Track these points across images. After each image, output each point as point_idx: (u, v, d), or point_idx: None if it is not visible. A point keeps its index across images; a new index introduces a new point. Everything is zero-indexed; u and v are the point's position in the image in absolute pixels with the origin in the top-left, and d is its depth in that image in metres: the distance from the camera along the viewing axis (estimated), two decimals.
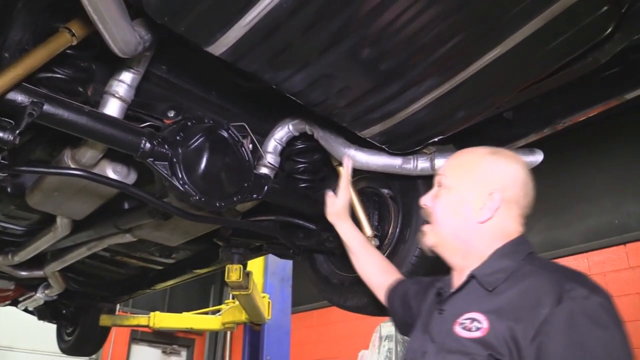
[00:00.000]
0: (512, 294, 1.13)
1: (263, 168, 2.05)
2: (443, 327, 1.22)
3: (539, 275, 1.14)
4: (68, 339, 4.28)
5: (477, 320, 1.13)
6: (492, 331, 1.08)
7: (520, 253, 1.24)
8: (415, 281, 1.64)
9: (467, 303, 1.21)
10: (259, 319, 3.94)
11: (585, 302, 1.03)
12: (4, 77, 1.29)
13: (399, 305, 1.62)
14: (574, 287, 1.06)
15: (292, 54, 1.35)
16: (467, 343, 1.11)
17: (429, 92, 1.51)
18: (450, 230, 1.31)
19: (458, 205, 1.31)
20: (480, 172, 1.33)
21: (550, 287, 1.09)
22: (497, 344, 1.06)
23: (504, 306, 1.12)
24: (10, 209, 2.40)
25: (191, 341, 9.48)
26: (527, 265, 1.19)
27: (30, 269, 3.07)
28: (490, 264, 1.23)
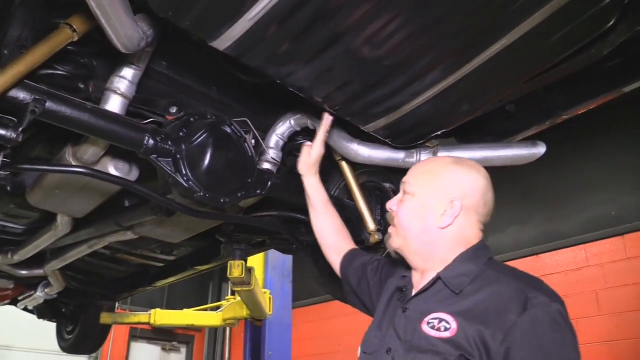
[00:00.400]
0: (479, 298, 1.21)
1: (266, 163, 2.04)
2: (409, 326, 1.26)
3: (502, 281, 1.23)
4: (68, 337, 4.27)
5: (445, 320, 1.19)
6: (461, 332, 1.15)
7: (481, 258, 1.31)
8: (373, 259, 1.70)
9: (433, 304, 1.27)
10: (260, 314, 3.94)
11: (547, 309, 1.14)
12: (6, 75, 1.28)
13: (353, 276, 1.69)
14: (536, 295, 1.16)
15: (297, 49, 1.34)
16: (438, 343, 1.17)
17: (433, 85, 1.50)
18: (413, 234, 1.38)
19: (421, 211, 1.38)
20: (442, 180, 1.39)
21: (515, 294, 1.17)
22: (467, 345, 1.13)
23: (471, 309, 1.19)
24: (10, 207, 2.38)
25: (191, 338, 9.48)
26: (489, 270, 1.27)
27: (30, 267, 3.05)
28: (455, 268, 1.30)
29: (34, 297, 3.60)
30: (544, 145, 1.81)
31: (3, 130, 1.34)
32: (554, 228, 5.91)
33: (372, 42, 1.33)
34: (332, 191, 2.43)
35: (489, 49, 1.40)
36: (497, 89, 1.59)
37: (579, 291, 5.55)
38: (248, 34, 1.27)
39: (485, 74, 1.47)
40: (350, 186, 2.17)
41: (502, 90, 1.60)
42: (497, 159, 1.83)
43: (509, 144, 1.83)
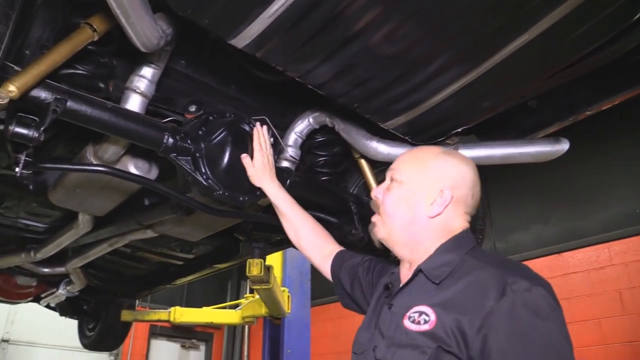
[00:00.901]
0: (458, 288, 1.16)
1: (284, 161, 2.04)
2: (393, 322, 1.23)
3: (483, 269, 1.18)
4: (90, 334, 4.33)
5: (424, 313, 1.16)
6: (439, 323, 1.11)
7: (463, 247, 1.27)
8: (364, 259, 1.64)
9: (415, 297, 1.23)
10: (279, 312, 3.95)
11: (526, 294, 1.07)
12: (27, 74, 1.29)
13: (346, 278, 1.63)
14: (515, 280, 1.10)
15: (317, 45, 1.32)
16: (416, 336, 1.13)
17: (453, 82, 1.48)
18: (399, 223, 1.33)
19: (409, 200, 1.33)
20: (433, 169, 1.36)
21: (493, 280, 1.12)
22: (445, 335, 1.09)
23: (450, 299, 1.15)
24: (33, 206, 2.42)
25: (210, 335, 9.55)
26: (470, 259, 1.23)
27: (52, 265, 3.10)
28: (436, 258, 1.27)
29: (56, 295, 3.65)
30: (567, 142, 1.77)
31: (25, 130, 1.35)
32: (576, 226, 5.82)
33: (392, 39, 1.31)
34: (351, 189, 2.42)
35: (509, 45, 1.37)
36: (519, 85, 1.56)
37: (601, 290, 5.45)
38: (266, 31, 1.26)
39: (506, 70, 1.44)
40: (369, 184, 2.16)
41: (524, 87, 1.57)
42: (519, 156, 1.80)
43: (531, 140, 1.80)
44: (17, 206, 2.40)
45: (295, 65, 1.40)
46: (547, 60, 1.47)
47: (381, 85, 1.48)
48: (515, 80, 1.53)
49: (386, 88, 1.49)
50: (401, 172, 1.38)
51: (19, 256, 2.88)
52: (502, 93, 1.57)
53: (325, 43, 1.31)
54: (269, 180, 1.74)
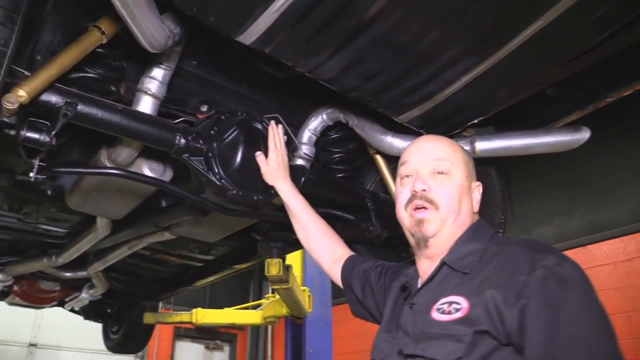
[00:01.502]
0: (487, 271, 1.14)
1: (299, 159, 2.02)
2: (418, 318, 1.18)
3: (510, 249, 1.16)
4: (114, 337, 4.38)
5: (455, 302, 1.12)
6: (472, 308, 1.07)
7: (485, 235, 1.25)
8: (376, 264, 1.58)
9: (441, 290, 1.18)
10: (299, 312, 3.93)
11: (557, 267, 1.05)
12: (37, 79, 1.29)
13: (357, 284, 1.57)
14: (544, 256, 1.08)
15: (325, 39, 1.30)
16: (449, 325, 1.09)
17: (467, 71, 1.44)
18: (453, 217, 1.25)
19: (461, 194, 1.27)
20: (467, 162, 1.33)
21: (522, 257, 1.10)
22: (481, 317, 1.05)
23: (481, 283, 1.12)
24: (52, 211, 2.44)
25: (233, 336, 9.60)
26: (493, 245, 1.20)
27: (74, 269, 3.13)
28: (459, 249, 1.23)
29: (79, 299, 3.70)
30: (588, 130, 1.71)
31: (36, 134, 1.35)
32: (601, 217, 5.68)
33: (402, 29, 1.28)
34: (367, 185, 2.39)
35: (524, 32, 1.33)
36: (535, 73, 1.51)
37: (629, 283, 5.31)
38: (273, 27, 1.24)
39: (521, 57, 1.39)
40: (385, 180, 2.12)
41: (540, 74, 1.52)
42: (538, 146, 1.75)
43: (551, 130, 1.74)
44: (36, 212, 2.43)
45: (304, 60, 1.38)
46: (563, 46, 1.42)
47: (392, 77, 1.45)
48: (530, 68, 1.48)
49: (398, 81, 1.46)
50: (446, 163, 1.28)
51: (41, 261, 2.93)
52: (518, 82, 1.52)
53: (334, 36, 1.29)
54: (283, 179, 1.71)
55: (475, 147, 1.80)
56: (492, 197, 2.06)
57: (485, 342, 1.03)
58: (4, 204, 2.36)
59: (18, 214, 2.47)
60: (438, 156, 1.29)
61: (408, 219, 1.28)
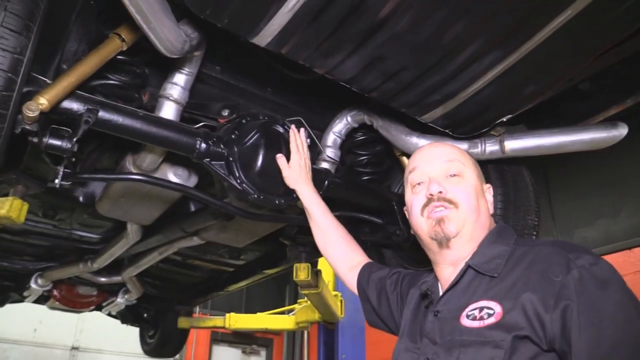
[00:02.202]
0: (517, 274, 1.08)
1: (323, 163, 2.00)
2: (446, 326, 1.12)
3: (539, 250, 1.10)
4: (150, 341, 4.45)
5: (486, 307, 1.06)
6: (507, 312, 1.02)
7: (509, 237, 1.20)
8: (392, 271, 1.53)
9: (468, 295, 1.13)
10: (331, 317, 3.89)
11: (593, 267, 1.00)
12: (58, 86, 1.31)
13: (372, 292, 1.51)
14: (578, 255, 1.03)
15: (341, 38, 1.27)
16: (483, 332, 1.03)
17: (492, 67, 1.38)
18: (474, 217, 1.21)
19: (476, 194, 1.24)
20: (476, 165, 1.33)
21: (554, 258, 1.05)
22: (518, 322, 1.00)
23: (512, 285, 1.06)
24: (84, 217, 2.49)
25: (270, 341, 9.62)
26: (520, 247, 1.16)
27: (109, 275, 3.20)
28: (484, 252, 1.17)
29: (115, 303, 3.77)
30: (625, 126, 1.62)
31: (58, 141, 1.37)
32: None
33: (420, 24, 1.23)
34: (395, 188, 2.34)
35: (551, 23, 1.25)
36: (564, 67, 1.43)
37: None
38: (288, 27, 1.22)
39: (549, 50, 1.32)
40: None
41: (571, 68, 1.44)
42: (571, 144, 1.67)
43: (585, 126, 1.66)
44: (69, 218, 2.48)
45: (322, 60, 1.35)
46: (595, 36, 1.34)
47: (413, 76, 1.40)
48: (559, 62, 1.40)
49: (419, 79, 1.41)
50: (458, 164, 1.26)
51: (77, 266, 3.00)
52: (547, 77, 1.45)
53: (350, 35, 1.26)
54: (304, 183, 1.68)
55: (504, 147, 1.73)
56: (525, 198, 1.97)
57: (526, 348, 0.98)
58: (38, 210, 2.42)
59: (53, 221, 2.53)
60: (449, 158, 1.27)
61: (426, 222, 1.23)
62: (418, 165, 1.30)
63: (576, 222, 5.88)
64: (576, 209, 5.87)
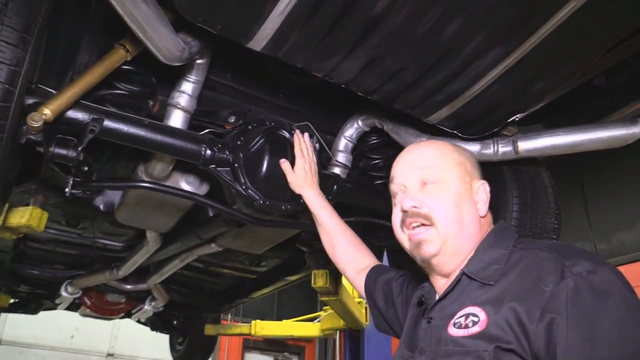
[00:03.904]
0: (510, 280, 1.01)
1: (335, 168, 1.97)
2: (434, 334, 1.07)
3: (534, 255, 1.02)
4: (179, 348, 4.50)
5: (472, 314, 1.00)
6: (491, 321, 0.95)
7: (508, 239, 1.11)
8: (398, 274, 1.47)
9: (460, 301, 1.05)
10: (356, 324, 3.85)
11: (591, 276, 0.91)
12: (62, 97, 1.34)
13: (380, 296, 1.46)
14: (575, 262, 0.94)
15: (336, 39, 1.25)
16: (466, 341, 0.97)
17: (496, 64, 1.33)
18: (455, 230, 1.12)
19: (457, 201, 1.13)
20: (462, 160, 1.20)
21: (549, 264, 0.96)
22: (501, 332, 0.93)
23: (501, 292, 0.99)
24: (105, 226, 2.54)
25: (301, 348, 9.61)
26: (519, 250, 1.07)
27: (135, 282, 3.26)
28: (480, 257, 1.09)
29: (143, 310, 3.83)
30: None
31: (64, 150, 1.40)
32: None
33: (417, 20, 1.20)
34: None
35: (557, 14, 1.20)
36: (575, 61, 1.37)
37: None
38: (281, 30, 1.21)
39: (557, 44, 1.27)
40: None
41: (580, 62, 1.38)
42: (588, 143, 1.59)
43: (602, 124, 1.58)
44: (92, 226, 2.53)
45: (319, 63, 1.34)
46: (606, 27, 1.28)
47: (414, 76, 1.37)
48: (569, 55, 1.34)
49: (420, 79, 1.38)
50: (439, 170, 1.16)
51: (104, 274, 3.07)
52: (555, 73, 1.39)
53: (345, 35, 1.24)
54: (309, 187, 1.66)
55: (518, 147, 1.67)
56: (543, 201, 1.90)
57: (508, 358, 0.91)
58: (62, 219, 2.48)
59: (76, 229, 2.60)
60: (422, 164, 1.18)
61: (407, 242, 1.18)
62: (395, 174, 1.24)
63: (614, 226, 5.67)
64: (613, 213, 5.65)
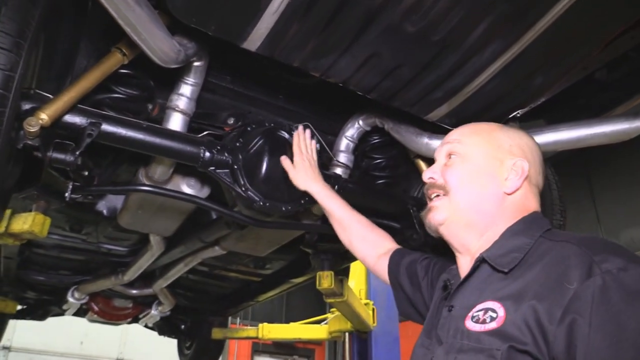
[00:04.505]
0: (532, 274, 0.95)
1: (336, 168, 1.96)
2: (452, 325, 1.03)
3: (562, 248, 0.95)
4: (187, 352, 4.49)
5: (491, 309, 0.95)
6: (509, 319, 0.90)
7: (537, 229, 1.05)
8: (423, 256, 1.44)
9: (479, 292, 1.02)
10: (363, 326, 3.83)
11: (622, 274, 0.84)
12: (58, 102, 1.33)
13: (405, 279, 1.42)
14: (606, 257, 0.87)
15: (331, 37, 1.24)
16: (482, 337, 0.93)
17: (494, 59, 1.32)
18: (467, 201, 1.11)
19: (478, 174, 1.13)
20: (500, 139, 1.17)
21: (576, 259, 0.89)
22: (518, 331, 0.88)
23: (523, 288, 0.93)
24: (109, 231, 2.54)
25: (311, 351, 9.59)
26: (546, 241, 1.00)
27: (140, 287, 3.26)
28: (503, 243, 1.05)
29: (150, 315, 3.82)
30: None
31: (62, 155, 1.40)
32: None
33: (414, 15, 1.18)
34: (415, 192, 2.29)
35: (555, 6, 1.18)
36: (574, 54, 1.35)
37: None
38: (275, 29, 1.21)
39: (555, 37, 1.25)
40: None
41: (581, 55, 1.36)
42: (591, 138, 1.57)
43: (604, 118, 1.56)
44: (95, 232, 2.54)
45: (315, 61, 1.33)
46: (605, 19, 1.26)
47: (412, 72, 1.36)
48: (568, 48, 1.33)
49: (419, 75, 1.37)
50: (463, 145, 1.18)
51: (110, 279, 3.07)
52: (555, 66, 1.37)
53: (340, 32, 1.23)
54: (313, 181, 1.61)
55: None
56: (547, 197, 1.89)
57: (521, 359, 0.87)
58: (65, 225, 2.49)
59: (80, 235, 2.60)
60: (449, 139, 1.22)
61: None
62: None
63: (622, 222, 5.61)
64: (622, 209, 5.59)
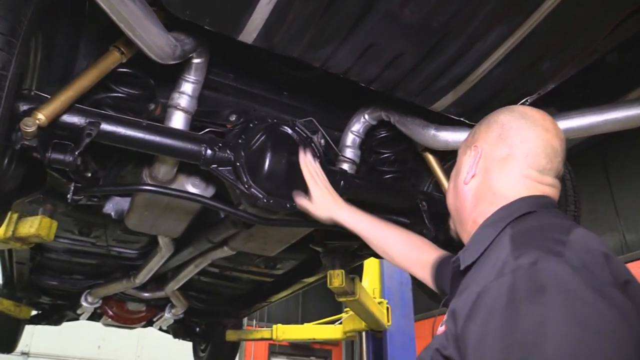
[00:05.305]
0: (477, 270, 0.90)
1: (342, 164, 1.93)
2: None
3: (499, 241, 0.89)
4: (202, 355, 4.49)
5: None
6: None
7: (505, 217, 0.95)
8: None
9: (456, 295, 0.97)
10: (377, 325, 3.78)
11: (533, 268, 0.74)
12: (56, 102, 1.32)
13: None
14: (524, 252, 0.78)
15: (329, 26, 1.21)
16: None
17: (499, 44, 1.27)
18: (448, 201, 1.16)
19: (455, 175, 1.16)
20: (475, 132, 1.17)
21: (499, 255, 0.83)
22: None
23: (464, 287, 0.90)
24: (118, 233, 2.53)
25: (328, 352, 9.54)
26: (504, 235, 0.91)
27: (152, 290, 3.25)
28: (473, 239, 1.00)
29: (164, 318, 3.82)
30: None
31: (61, 155, 1.38)
32: None
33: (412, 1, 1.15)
34: (425, 186, 2.25)
35: None
36: (583, 37, 1.30)
37: None
38: (270, 20, 1.18)
39: (561, 20, 1.20)
40: (438, 178, 1.97)
41: (589, 38, 1.30)
42: (604, 124, 1.52)
43: (617, 104, 1.50)
44: (104, 235, 2.53)
45: (313, 52, 1.30)
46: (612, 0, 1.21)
47: (413, 61, 1.32)
48: (576, 31, 1.27)
49: (421, 64, 1.33)
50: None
51: (121, 282, 3.07)
52: (563, 50, 1.32)
53: (338, 21, 1.20)
54: (337, 208, 1.55)
55: None
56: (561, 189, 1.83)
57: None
58: (74, 229, 2.48)
59: (89, 238, 2.60)
60: None
61: None
62: None
63: None
64: None
